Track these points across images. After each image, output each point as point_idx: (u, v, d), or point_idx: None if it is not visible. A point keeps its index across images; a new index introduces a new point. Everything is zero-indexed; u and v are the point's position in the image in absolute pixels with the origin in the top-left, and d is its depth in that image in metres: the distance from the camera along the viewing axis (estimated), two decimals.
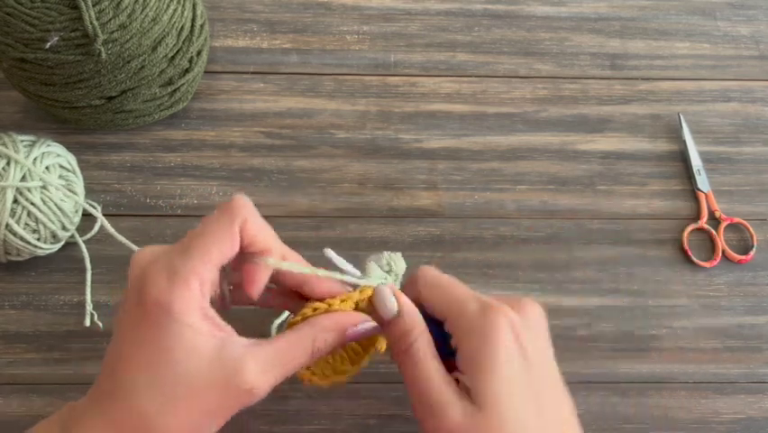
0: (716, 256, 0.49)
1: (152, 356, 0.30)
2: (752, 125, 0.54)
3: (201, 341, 0.30)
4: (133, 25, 0.43)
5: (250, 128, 0.52)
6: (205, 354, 0.30)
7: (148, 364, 0.30)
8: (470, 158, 0.52)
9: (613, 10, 0.59)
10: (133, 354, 0.31)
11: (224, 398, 0.31)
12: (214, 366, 0.30)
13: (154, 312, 0.31)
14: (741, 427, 0.44)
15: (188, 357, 0.30)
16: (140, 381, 0.30)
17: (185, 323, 0.30)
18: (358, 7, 0.57)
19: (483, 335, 0.33)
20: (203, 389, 0.30)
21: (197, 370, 0.30)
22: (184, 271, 0.31)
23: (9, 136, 0.44)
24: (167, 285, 0.31)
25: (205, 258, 0.32)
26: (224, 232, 0.32)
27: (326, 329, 0.34)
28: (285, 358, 0.32)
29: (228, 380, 0.30)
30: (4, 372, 0.44)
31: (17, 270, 0.46)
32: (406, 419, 0.43)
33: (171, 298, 0.30)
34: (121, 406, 0.30)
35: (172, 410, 0.30)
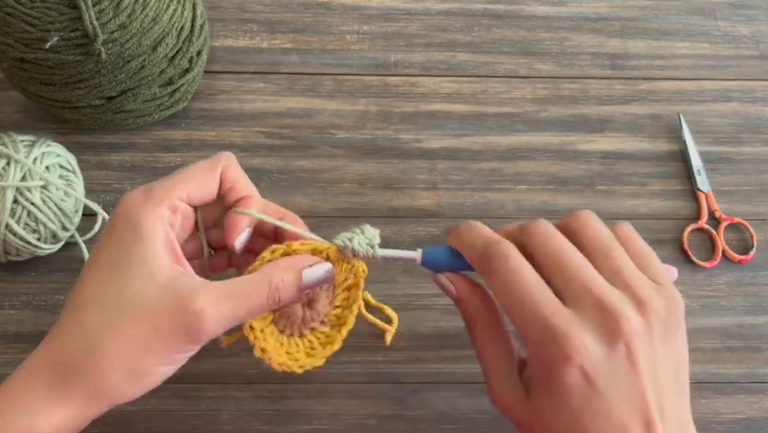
0: (716, 256, 0.49)
1: (108, 273, 0.31)
2: (752, 125, 0.54)
3: (158, 267, 0.31)
4: (133, 25, 0.43)
5: (250, 128, 0.52)
6: (159, 279, 0.31)
7: (102, 282, 0.31)
8: (470, 158, 0.52)
9: (613, 10, 0.59)
10: (91, 273, 0.32)
11: (170, 321, 0.30)
12: (167, 291, 0.31)
13: (121, 227, 0.32)
14: (741, 427, 0.44)
15: (143, 279, 0.31)
16: (90, 298, 0.31)
17: (147, 244, 0.31)
18: (358, 7, 0.57)
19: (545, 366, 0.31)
20: (150, 311, 0.30)
21: (148, 293, 0.30)
22: (158, 191, 0.33)
23: (9, 136, 0.44)
24: (139, 202, 0.32)
25: (180, 184, 0.33)
26: (204, 169, 0.35)
27: (282, 269, 0.33)
28: (238, 293, 0.32)
29: (176, 304, 0.30)
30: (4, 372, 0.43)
31: (17, 270, 0.46)
32: (406, 419, 0.43)
33: (140, 214, 0.32)
34: (65, 327, 0.31)
35: (117, 328, 0.30)
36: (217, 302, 0.31)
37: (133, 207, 0.32)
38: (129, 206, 0.32)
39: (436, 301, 0.47)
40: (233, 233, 0.35)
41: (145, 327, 0.30)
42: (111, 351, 0.30)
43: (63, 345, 0.31)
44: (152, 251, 0.31)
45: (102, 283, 0.31)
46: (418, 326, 0.46)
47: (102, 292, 0.31)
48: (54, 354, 0.31)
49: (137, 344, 0.30)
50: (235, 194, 0.36)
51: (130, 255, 0.31)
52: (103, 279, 0.31)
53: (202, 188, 0.35)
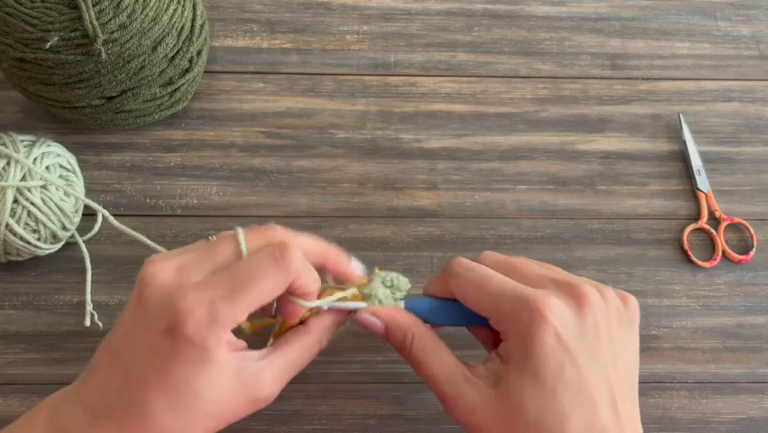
0: (716, 256, 0.49)
1: (175, 385, 0.30)
2: (752, 125, 0.54)
3: (223, 371, 0.31)
4: (133, 25, 0.43)
5: (250, 128, 0.52)
6: (227, 381, 0.31)
7: (171, 392, 0.30)
8: (471, 158, 0.52)
9: (613, 10, 0.59)
10: (154, 380, 0.30)
11: (245, 410, 0.33)
12: (236, 389, 0.32)
13: (185, 347, 0.30)
14: (741, 427, 0.44)
15: (211, 387, 0.31)
16: (160, 402, 0.30)
17: (215, 364, 0.30)
18: (358, 7, 0.57)
19: (518, 334, 0.33)
20: (226, 410, 0.32)
21: (221, 398, 0.31)
22: (226, 317, 0.30)
23: (9, 136, 0.44)
24: (206, 327, 0.30)
25: (249, 307, 0.31)
26: (275, 288, 0.32)
27: (327, 328, 0.36)
28: (295, 365, 0.35)
29: (247, 396, 0.32)
30: (4, 372, 0.44)
31: (17, 270, 0.46)
32: (406, 419, 0.43)
33: (207, 339, 0.30)
34: (139, 420, 0.30)
35: (196, 428, 0.31)
36: (279, 380, 0.34)
37: (199, 332, 0.30)
38: (195, 328, 0.30)
39: None
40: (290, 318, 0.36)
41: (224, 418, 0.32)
42: None
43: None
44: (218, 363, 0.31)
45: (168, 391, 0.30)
46: None
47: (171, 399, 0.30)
48: None
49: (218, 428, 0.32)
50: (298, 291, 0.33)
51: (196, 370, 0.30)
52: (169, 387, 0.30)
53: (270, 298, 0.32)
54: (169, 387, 0.30)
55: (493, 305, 0.34)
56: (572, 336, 0.32)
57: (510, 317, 0.33)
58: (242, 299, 0.31)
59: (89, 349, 0.44)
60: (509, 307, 0.33)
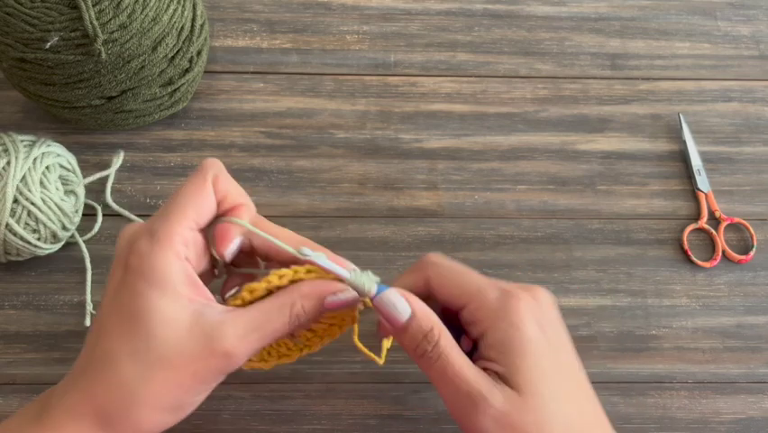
0: (716, 256, 0.49)
1: (131, 326, 0.31)
2: (752, 125, 0.54)
3: (179, 309, 0.31)
4: (133, 25, 0.43)
5: (250, 128, 0.52)
6: (182, 322, 0.31)
7: (127, 334, 0.31)
8: (470, 158, 0.52)
9: (613, 10, 0.59)
10: (114, 325, 0.31)
11: (203, 364, 0.31)
12: (193, 334, 0.31)
13: (133, 278, 0.31)
14: (741, 427, 0.44)
15: (167, 326, 0.30)
16: (120, 351, 0.31)
17: (164, 289, 0.31)
18: (358, 7, 0.57)
19: (509, 321, 0.33)
20: (181, 357, 0.30)
21: (176, 339, 0.30)
22: (164, 233, 0.31)
23: (9, 136, 0.44)
24: (148, 248, 0.31)
25: (181, 216, 0.32)
26: (197, 189, 0.33)
27: (305, 296, 0.33)
28: (262, 323, 0.32)
29: (206, 347, 0.31)
30: (4, 372, 0.44)
31: (17, 270, 0.46)
32: (406, 419, 0.43)
33: (151, 261, 0.31)
34: (100, 377, 0.31)
35: (152, 379, 0.30)
36: (245, 337, 0.31)
37: (142, 255, 0.31)
38: (137, 255, 0.31)
39: None
40: (222, 242, 0.34)
41: (181, 373, 0.31)
42: (153, 398, 0.31)
43: (104, 395, 0.31)
44: (171, 295, 0.31)
45: (127, 336, 0.31)
46: None
47: (130, 345, 0.31)
48: (97, 403, 0.31)
49: (176, 387, 0.31)
50: (227, 204, 0.34)
51: (149, 305, 0.31)
52: (128, 332, 0.31)
53: (202, 209, 0.33)
54: (125, 325, 0.31)
55: (475, 294, 0.35)
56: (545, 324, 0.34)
57: (496, 305, 0.34)
58: (173, 211, 0.32)
59: None
60: (494, 297, 0.34)
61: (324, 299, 0.33)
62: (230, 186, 0.34)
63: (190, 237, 0.33)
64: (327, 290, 0.33)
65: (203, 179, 0.33)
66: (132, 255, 0.31)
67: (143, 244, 0.31)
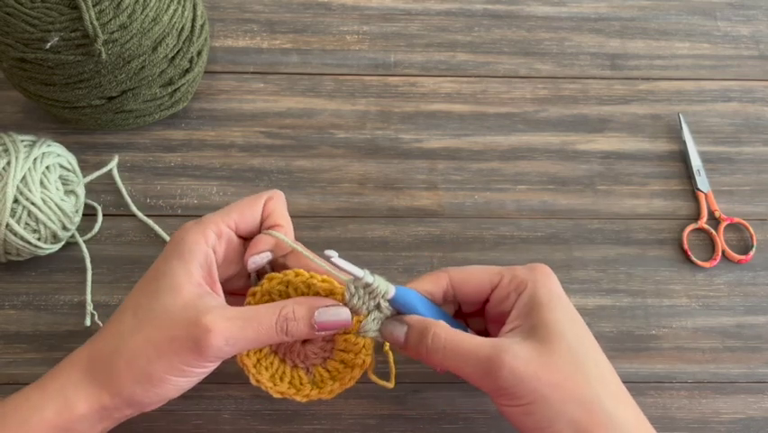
0: (716, 256, 0.49)
1: (147, 284, 0.35)
2: (752, 125, 0.54)
3: (187, 282, 0.34)
4: (134, 26, 0.43)
5: (250, 128, 0.52)
6: (185, 294, 0.34)
7: (141, 290, 0.35)
8: (470, 158, 0.52)
9: (613, 10, 0.59)
10: (138, 285, 0.36)
11: (182, 332, 0.33)
12: (188, 306, 0.33)
13: (169, 245, 0.36)
14: (741, 427, 0.44)
15: (171, 291, 0.34)
16: (129, 305, 0.35)
17: (184, 260, 0.34)
18: (358, 7, 0.57)
19: (536, 282, 0.37)
20: (167, 320, 0.33)
21: (173, 305, 0.33)
22: (208, 218, 0.37)
23: (9, 136, 0.44)
24: (189, 225, 0.36)
25: (225, 213, 0.37)
26: (249, 200, 0.38)
27: (297, 301, 0.35)
28: (249, 317, 0.34)
29: (190, 318, 0.33)
30: (4, 372, 0.44)
31: (17, 270, 0.46)
32: (406, 419, 0.43)
33: (186, 234, 0.35)
34: (105, 328, 0.35)
35: (139, 331, 0.33)
36: (226, 321, 0.33)
37: (184, 229, 0.36)
38: (182, 229, 0.36)
39: None
40: (251, 250, 0.37)
41: (162, 334, 0.33)
42: (130, 351, 0.33)
43: (100, 342, 0.35)
44: (187, 267, 0.34)
45: (140, 292, 0.35)
46: None
47: (138, 300, 0.35)
48: (92, 349, 0.35)
49: (152, 347, 0.33)
50: (270, 222, 0.38)
51: (167, 269, 0.35)
52: (143, 288, 0.35)
53: (246, 216, 0.37)
54: (142, 286, 0.35)
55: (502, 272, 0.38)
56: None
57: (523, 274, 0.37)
58: (225, 210, 0.37)
59: None
60: (519, 270, 0.38)
61: (315, 309, 0.35)
62: (278, 207, 0.38)
63: (224, 232, 0.37)
64: (320, 303, 0.35)
65: (259, 196, 0.38)
66: (178, 230, 0.36)
67: (189, 224, 0.36)
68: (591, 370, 0.34)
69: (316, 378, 0.38)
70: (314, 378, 0.38)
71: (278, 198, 0.39)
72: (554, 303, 0.36)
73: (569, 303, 0.37)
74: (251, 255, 0.36)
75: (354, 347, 0.37)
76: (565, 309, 0.36)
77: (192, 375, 0.34)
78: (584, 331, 0.36)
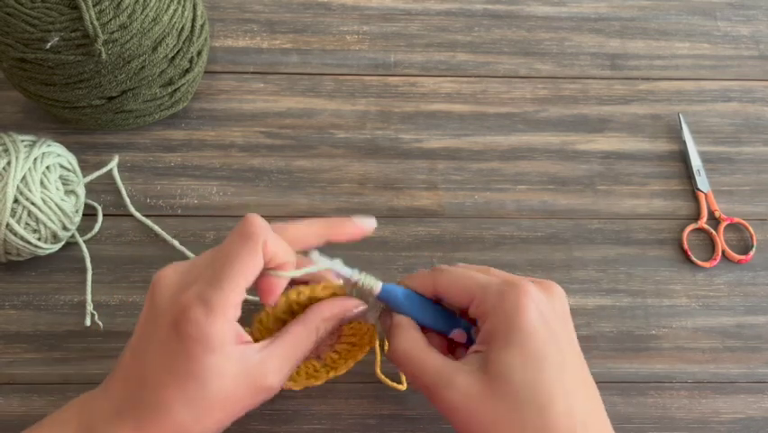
0: (716, 256, 0.49)
1: (186, 381, 0.32)
2: (752, 125, 0.54)
3: (229, 363, 0.33)
4: (134, 25, 0.43)
5: (250, 128, 0.52)
6: (231, 371, 0.33)
7: (183, 387, 0.32)
8: (470, 158, 0.52)
9: (613, 10, 0.59)
10: (168, 380, 0.33)
11: (251, 401, 0.34)
12: (240, 379, 0.33)
13: (193, 345, 0.32)
14: (741, 427, 0.44)
15: (219, 378, 0.33)
16: (175, 399, 0.32)
17: (219, 351, 0.32)
18: (358, 7, 0.57)
19: (504, 310, 0.34)
20: (232, 400, 0.33)
21: (226, 386, 0.33)
22: (219, 304, 0.32)
23: (9, 136, 0.44)
24: (204, 320, 0.32)
25: (235, 287, 0.33)
26: (249, 258, 0.34)
27: (326, 319, 0.36)
28: (296, 352, 0.35)
29: (251, 387, 0.34)
30: (4, 372, 0.44)
31: (17, 270, 0.46)
32: (406, 419, 0.43)
33: (210, 331, 0.32)
34: (155, 418, 0.32)
35: (207, 419, 0.33)
36: (281, 370, 0.35)
37: (199, 325, 0.32)
38: (194, 324, 0.32)
39: None
40: (268, 296, 0.36)
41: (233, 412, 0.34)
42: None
43: None
44: (223, 354, 0.33)
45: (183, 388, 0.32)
46: None
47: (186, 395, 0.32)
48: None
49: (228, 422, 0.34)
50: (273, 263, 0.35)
51: (204, 366, 0.32)
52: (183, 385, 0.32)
53: (252, 276, 0.34)
54: (180, 382, 0.32)
55: (480, 289, 0.36)
56: (549, 313, 0.35)
57: (496, 297, 0.35)
58: (226, 280, 0.33)
59: (89, 349, 0.44)
60: (496, 289, 0.35)
61: (342, 317, 0.37)
62: (278, 249, 0.35)
63: (239, 301, 0.34)
64: (345, 309, 0.37)
65: (254, 246, 0.34)
66: (188, 324, 0.32)
67: (199, 315, 0.32)
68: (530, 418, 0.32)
69: (328, 362, 0.40)
70: (326, 362, 0.40)
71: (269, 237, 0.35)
72: (513, 339, 0.33)
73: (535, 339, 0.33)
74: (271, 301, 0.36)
75: (359, 331, 0.39)
76: (524, 347, 0.33)
77: None
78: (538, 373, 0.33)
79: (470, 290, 0.36)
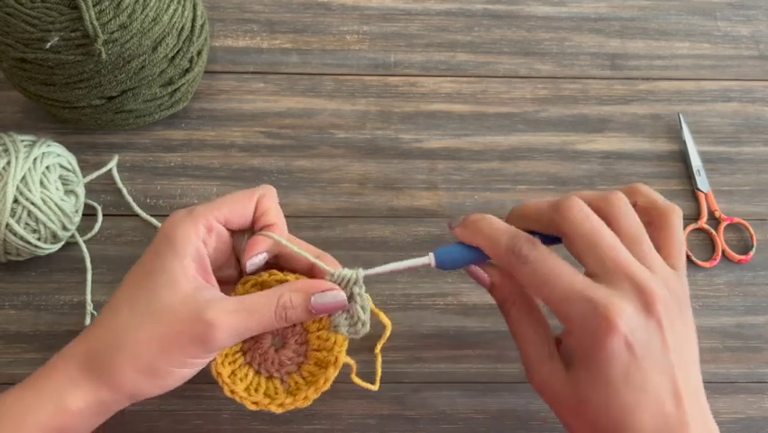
0: (716, 256, 0.49)
1: (141, 279, 0.35)
2: (752, 125, 0.54)
3: (184, 277, 0.34)
4: (134, 25, 0.43)
5: (250, 128, 0.52)
6: (183, 289, 0.34)
7: (136, 286, 0.35)
8: (470, 158, 0.52)
9: (613, 10, 0.59)
10: (129, 279, 0.36)
11: (187, 327, 0.33)
12: (188, 300, 0.34)
13: (159, 238, 0.35)
14: (741, 427, 0.44)
15: (170, 287, 0.34)
16: (124, 300, 0.35)
17: (179, 255, 0.34)
18: (358, 7, 0.57)
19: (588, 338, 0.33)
20: (171, 316, 0.34)
21: (172, 300, 0.34)
22: (198, 210, 0.36)
23: (9, 136, 0.44)
24: (179, 218, 0.36)
25: (216, 208, 0.36)
26: (241, 196, 0.38)
27: (293, 289, 0.36)
28: (249, 307, 0.35)
29: (194, 313, 0.33)
30: (4, 372, 0.44)
31: (17, 270, 0.46)
32: (406, 419, 0.43)
33: (178, 228, 0.35)
34: (99, 322, 0.35)
35: (140, 328, 0.34)
36: (229, 314, 0.34)
37: (173, 222, 0.36)
38: (170, 221, 0.36)
39: (436, 301, 0.47)
40: (249, 252, 0.37)
41: (164, 330, 0.33)
42: (132, 347, 0.33)
43: (96, 338, 0.34)
44: (182, 262, 0.34)
45: (135, 287, 0.35)
46: (418, 326, 0.46)
47: (134, 295, 0.35)
48: (87, 345, 0.34)
49: (155, 343, 0.33)
50: (264, 221, 0.38)
51: (162, 265, 0.35)
52: (137, 283, 0.35)
53: (238, 211, 0.37)
54: (136, 281, 0.35)
55: (560, 304, 0.34)
56: (640, 342, 0.32)
57: (579, 321, 0.33)
58: (213, 203, 0.37)
59: None
60: (579, 311, 0.33)
61: (311, 294, 0.35)
62: (271, 206, 0.38)
63: (216, 228, 0.36)
64: (316, 287, 0.36)
65: (251, 192, 0.38)
66: (166, 222, 0.36)
67: (179, 214, 0.36)
68: None
69: (291, 386, 0.38)
70: (288, 387, 0.38)
71: (270, 194, 0.38)
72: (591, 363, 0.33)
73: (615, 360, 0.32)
74: (250, 258, 0.37)
75: (327, 344, 0.38)
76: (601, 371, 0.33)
77: (195, 366, 0.35)
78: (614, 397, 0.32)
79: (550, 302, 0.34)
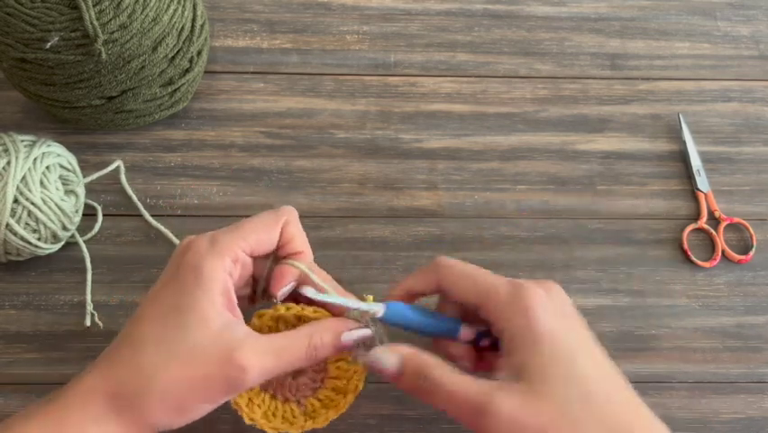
0: (715, 256, 0.49)
1: (169, 314, 0.33)
2: (752, 125, 0.54)
3: (213, 315, 0.33)
4: (134, 25, 0.43)
5: (250, 128, 0.52)
6: (212, 326, 0.33)
7: (162, 321, 0.33)
8: (470, 158, 0.52)
9: (613, 10, 0.59)
10: (152, 312, 0.34)
11: (217, 370, 0.32)
12: (217, 340, 0.33)
13: (184, 272, 0.34)
14: (741, 427, 0.44)
15: (198, 325, 0.33)
16: (150, 335, 0.33)
17: (207, 291, 0.33)
18: (358, 7, 0.57)
19: (521, 314, 0.34)
20: (201, 357, 0.32)
21: (202, 338, 0.32)
22: (223, 242, 0.35)
23: (9, 136, 0.44)
24: (204, 250, 0.34)
25: (241, 238, 0.35)
26: (266, 223, 0.37)
27: (323, 329, 0.36)
28: (280, 348, 0.34)
29: (225, 354, 0.32)
30: (4, 372, 0.44)
31: (17, 270, 0.46)
32: (406, 419, 0.43)
33: (204, 262, 0.34)
34: (124, 359, 0.33)
35: (169, 368, 0.32)
36: (260, 356, 0.33)
37: (198, 255, 0.34)
38: (195, 253, 0.34)
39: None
40: (279, 282, 0.37)
41: (196, 372, 0.32)
42: (162, 387, 0.32)
43: (121, 377, 0.33)
44: (210, 299, 0.33)
45: (161, 324, 0.33)
46: None
47: (161, 332, 0.33)
48: (112, 383, 0.33)
49: (186, 384, 0.32)
50: (290, 248, 0.37)
51: (190, 301, 0.33)
52: (163, 320, 0.33)
53: (264, 241, 0.36)
54: (161, 315, 0.33)
55: (486, 292, 0.36)
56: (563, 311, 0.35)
57: (507, 299, 0.35)
58: (237, 230, 0.36)
59: (89, 349, 0.44)
60: (505, 291, 0.35)
61: (340, 334, 0.36)
62: (296, 233, 0.38)
63: (241, 258, 0.36)
64: (344, 327, 0.36)
65: (275, 218, 0.37)
66: (189, 252, 0.35)
67: (203, 245, 0.35)
68: (577, 413, 0.32)
69: (308, 409, 0.38)
70: (306, 409, 0.38)
71: (294, 220, 0.38)
72: (538, 341, 0.33)
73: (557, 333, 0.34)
74: (280, 289, 0.37)
75: (347, 374, 0.38)
76: (551, 346, 0.33)
77: (221, 402, 0.34)
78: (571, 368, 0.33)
79: (478, 293, 0.36)
